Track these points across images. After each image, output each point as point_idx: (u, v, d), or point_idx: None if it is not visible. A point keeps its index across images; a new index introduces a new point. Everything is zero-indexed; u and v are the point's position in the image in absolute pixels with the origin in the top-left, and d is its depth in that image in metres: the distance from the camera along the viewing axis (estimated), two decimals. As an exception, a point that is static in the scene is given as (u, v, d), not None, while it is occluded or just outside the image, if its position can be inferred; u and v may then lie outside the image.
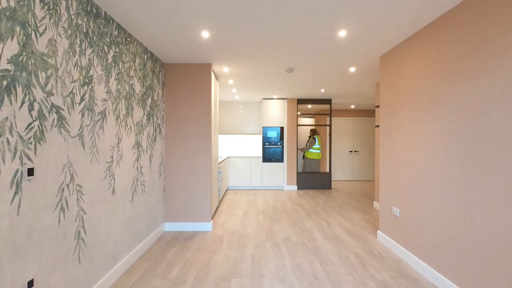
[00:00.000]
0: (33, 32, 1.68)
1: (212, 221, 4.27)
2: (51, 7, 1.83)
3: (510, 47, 1.89)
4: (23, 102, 1.60)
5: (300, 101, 7.53)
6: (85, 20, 2.22)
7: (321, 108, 8.28)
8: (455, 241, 2.38)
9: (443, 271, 2.52)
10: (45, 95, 1.78)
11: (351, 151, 9.11)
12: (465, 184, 2.27)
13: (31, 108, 1.66)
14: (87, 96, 2.24)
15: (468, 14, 2.25)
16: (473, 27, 2.20)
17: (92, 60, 2.31)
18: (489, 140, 2.05)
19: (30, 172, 1.64)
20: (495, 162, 2.00)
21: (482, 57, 2.12)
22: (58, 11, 1.90)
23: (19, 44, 1.57)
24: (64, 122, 1.96)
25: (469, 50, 2.25)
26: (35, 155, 1.69)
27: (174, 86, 4.21)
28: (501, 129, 1.96)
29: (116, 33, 2.72)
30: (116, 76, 2.72)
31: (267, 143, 7.55)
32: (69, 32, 2.02)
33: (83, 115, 2.18)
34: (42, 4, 1.75)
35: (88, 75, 2.26)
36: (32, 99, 1.67)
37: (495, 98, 2.00)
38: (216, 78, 4.89)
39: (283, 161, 7.50)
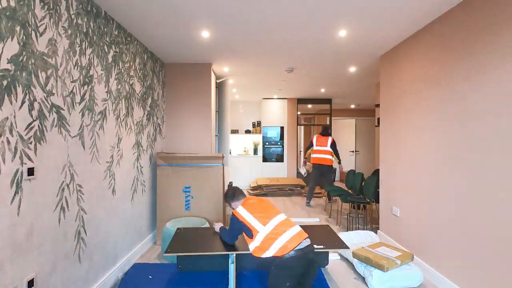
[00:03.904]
0: (33, 32, 1.68)
1: (212, 221, 4.27)
2: (51, 6, 1.83)
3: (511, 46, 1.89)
4: (23, 102, 1.60)
5: (300, 101, 7.53)
6: (85, 19, 2.22)
7: (321, 108, 8.28)
8: (455, 241, 2.38)
9: (443, 270, 2.52)
10: (45, 95, 1.78)
11: (352, 151, 9.09)
12: (465, 183, 2.27)
13: (31, 108, 1.66)
14: (87, 96, 2.24)
15: (469, 14, 2.24)
16: (474, 27, 2.20)
17: (92, 60, 2.31)
18: (491, 141, 2.05)
19: (30, 172, 1.64)
20: (496, 163, 2.00)
21: (484, 56, 2.11)
22: (58, 10, 1.90)
23: (19, 44, 1.57)
24: (64, 122, 1.96)
25: (470, 49, 2.24)
26: (35, 155, 1.69)
27: (174, 85, 4.21)
28: (505, 130, 1.95)
29: (116, 32, 2.72)
30: (116, 76, 2.72)
31: (267, 143, 7.55)
32: (69, 32, 2.02)
33: (83, 115, 2.18)
34: (42, 3, 1.75)
35: (88, 74, 2.26)
36: (32, 99, 1.67)
37: (498, 99, 2.00)
38: (216, 78, 4.89)
39: (283, 161, 7.50)
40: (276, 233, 1.94)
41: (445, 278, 2.48)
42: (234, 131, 7.87)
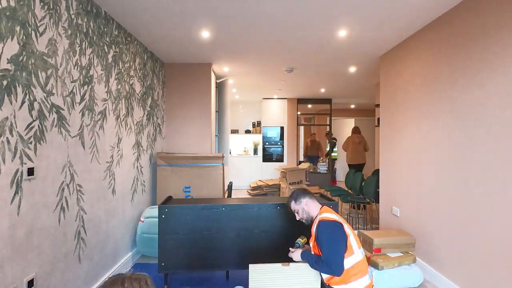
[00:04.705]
0: (33, 32, 1.68)
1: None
2: (51, 6, 1.83)
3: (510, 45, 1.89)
4: (23, 102, 1.60)
5: (300, 101, 7.52)
6: (85, 19, 2.22)
7: (321, 108, 8.28)
8: (455, 241, 2.38)
9: (443, 270, 2.52)
10: (45, 95, 1.78)
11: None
12: (465, 183, 2.27)
13: (31, 108, 1.66)
14: (87, 96, 2.24)
15: (468, 14, 2.24)
16: (473, 26, 2.20)
17: (92, 60, 2.31)
18: (493, 141, 2.05)
19: (30, 172, 1.64)
20: (497, 163, 2.00)
21: (484, 56, 2.11)
22: (58, 10, 1.90)
23: (19, 44, 1.57)
24: (64, 122, 1.96)
25: (470, 49, 2.24)
26: (35, 155, 1.69)
27: (174, 85, 4.21)
28: (507, 130, 1.95)
29: (116, 32, 2.71)
30: (116, 76, 2.71)
31: (267, 143, 7.54)
32: (69, 32, 2.02)
33: (83, 115, 2.18)
34: (42, 3, 1.74)
35: (88, 74, 2.26)
36: (32, 99, 1.67)
37: (500, 98, 2.00)
38: (216, 78, 4.89)
39: (283, 161, 7.50)
40: (361, 268, 1.49)
41: (445, 278, 2.48)
42: (234, 131, 7.87)
